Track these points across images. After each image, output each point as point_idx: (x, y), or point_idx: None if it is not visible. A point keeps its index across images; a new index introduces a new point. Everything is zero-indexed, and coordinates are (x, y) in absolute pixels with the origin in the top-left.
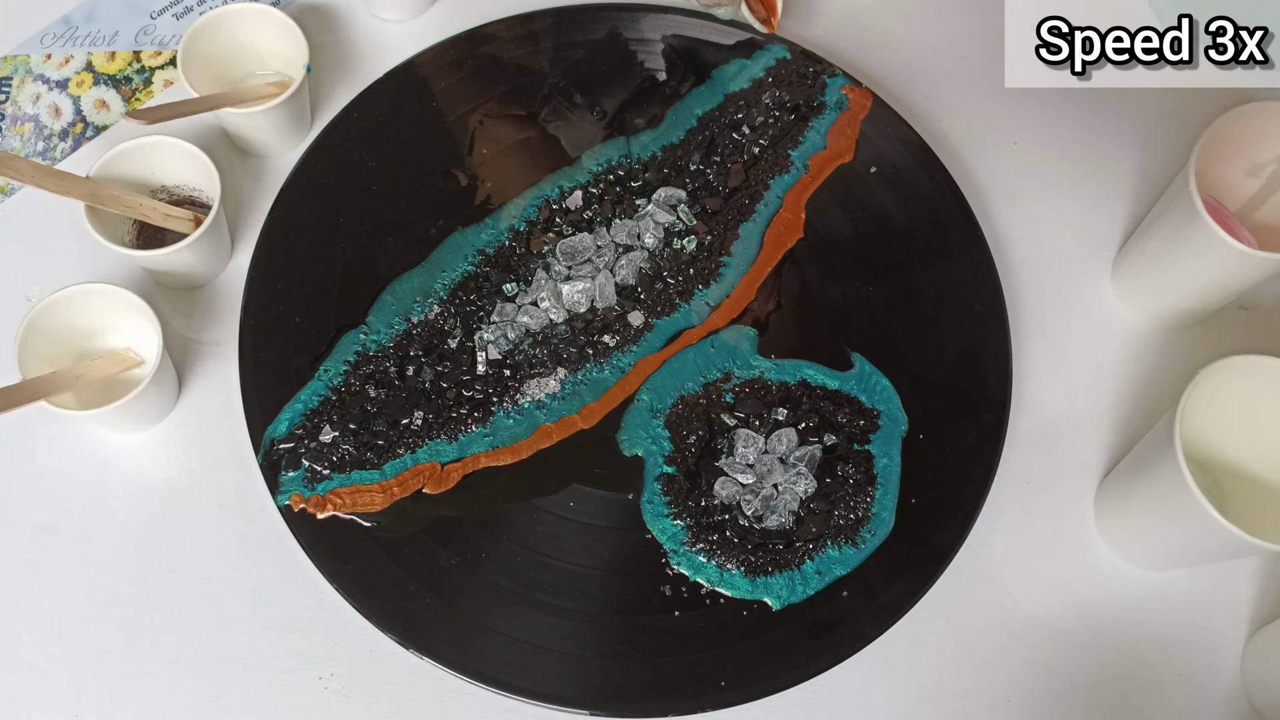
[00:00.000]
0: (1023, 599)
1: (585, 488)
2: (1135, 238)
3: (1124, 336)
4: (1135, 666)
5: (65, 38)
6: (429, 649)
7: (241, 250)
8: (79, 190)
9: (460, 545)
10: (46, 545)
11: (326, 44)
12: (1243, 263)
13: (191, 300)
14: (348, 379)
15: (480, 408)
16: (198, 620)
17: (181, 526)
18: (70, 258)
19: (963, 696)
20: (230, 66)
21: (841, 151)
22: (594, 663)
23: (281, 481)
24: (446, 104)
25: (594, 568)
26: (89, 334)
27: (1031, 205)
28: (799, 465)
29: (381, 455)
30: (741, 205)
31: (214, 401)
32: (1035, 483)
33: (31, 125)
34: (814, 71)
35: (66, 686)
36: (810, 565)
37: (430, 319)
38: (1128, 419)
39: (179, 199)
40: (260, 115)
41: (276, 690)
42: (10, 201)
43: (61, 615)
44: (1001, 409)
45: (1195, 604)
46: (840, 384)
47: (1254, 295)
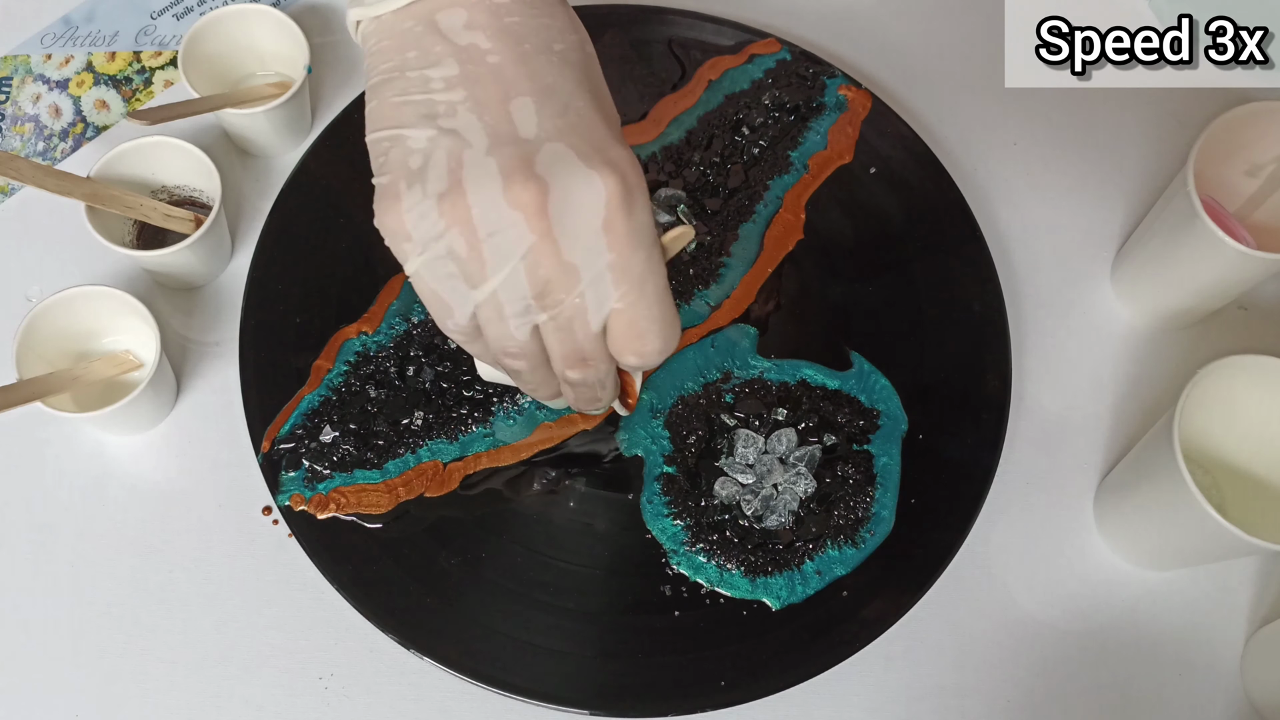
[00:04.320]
0: (1023, 599)
1: (585, 488)
2: (1135, 238)
3: (1124, 336)
4: (1135, 666)
5: (65, 38)
6: (429, 649)
7: (241, 250)
8: (79, 190)
9: (460, 545)
10: (46, 545)
11: (327, 45)
12: (1242, 263)
13: (191, 300)
14: (348, 379)
15: (480, 408)
16: (198, 620)
17: (181, 526)
18: (70, 258)
19: (963, 696)
20: (231, 67)
21: (842, 152)
22: (594, 663)
23: (282, 481)
24: None
25: (594, 568)
26: (88, 336)
27: (1031, 205)
28: (799, 465)
29: (382, 455)
30: (741, 206)
31: (214, 401)
32: (1035, 483)
33: (31, 125)
34: (813, 72)
35: (66, 686)
36: (810, 565)
37: (430, 319)
38: (1127, 419)
39: (179, 199)
40: (261, 116)
41: (276, 690)
42: (10, 201)
43: (61, 615)
44: (1001, 409)
45: (1195, 604)
46: (840, 384)
47: (1253, 295)
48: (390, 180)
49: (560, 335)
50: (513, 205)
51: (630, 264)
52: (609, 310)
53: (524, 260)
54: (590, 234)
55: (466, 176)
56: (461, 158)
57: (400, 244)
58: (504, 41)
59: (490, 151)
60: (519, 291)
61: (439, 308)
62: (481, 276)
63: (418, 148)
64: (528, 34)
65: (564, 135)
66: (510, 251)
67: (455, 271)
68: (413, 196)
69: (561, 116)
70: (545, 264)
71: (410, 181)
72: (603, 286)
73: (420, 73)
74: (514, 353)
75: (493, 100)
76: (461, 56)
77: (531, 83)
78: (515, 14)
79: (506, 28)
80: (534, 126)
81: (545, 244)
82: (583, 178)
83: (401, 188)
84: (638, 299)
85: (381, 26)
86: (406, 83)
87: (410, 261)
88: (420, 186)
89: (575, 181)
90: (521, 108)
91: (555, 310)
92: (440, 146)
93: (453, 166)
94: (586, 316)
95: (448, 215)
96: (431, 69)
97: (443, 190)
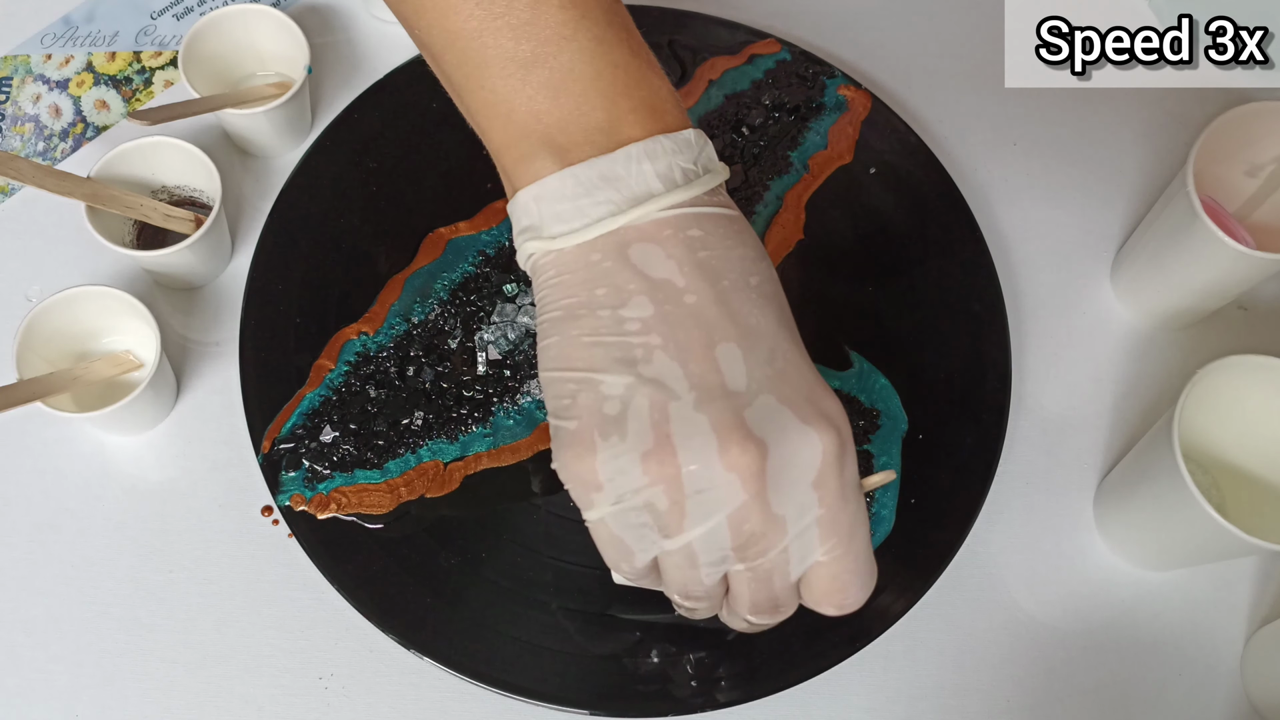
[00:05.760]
0: (1023, 599)
1: None
2: (1134, 238)
3: (1123, 336)
4: (1135, 666)
5: (65, 38)
6: (429, 649)
7: (242, 250)
8: (79, 190)
9: (460, 545)
10: (46, 545)
11: (327, 45)
12: (1241, 263)
13: (191, 300)
14: (348, 379)
15: (480, 408)
16: (198, 620)
17: (181, 526)
18: (70, 258)
19: (963, 696)
20: (231, 67)
21: (842, 152)
22: (594, 663)
23: (282, 481)
24: (447, 105)
25: (594, 568)
26: (89, 336)
27: (1031, 205)
28: None
29: (382, 455)
30: (741, 206)
31: (214, 402)
32: (1035, 483)
33: (32, 125)
34: (813, 72)
35: (66, 686)
36: None
37: (430, 319)
38: (1127, 419)
39: (180, 199)
40: (261, 116)
41: (276, 690)
42: (10, 201)
43: (61, 615)
44: (1001, 408)
45: (1195, 604)
46: (840, 383)
47: (1253, 295)
48: (581, 427)
49: (756, 585)
50: (729, 468)
51: (839, 518)
52: (811, 563)
53: (729, 516)
54: (802, 490)
55: (676, 433)
56: (667, 411)
57: (588, 493)
58: (701, 279)
59: (699, 407)
60: (718, 543)
61: (619, 553)
62: (678, 529)
63: (613, 394)
64: (725, 269)
65: (775, 387)
66: (716, 508)
67: (648, 522)
68: (610, 449)
69: (770, 364)
70: (753, 520)
71: (605, 432)
72: (809, 540)
73: (613, 312)
74: (698, 596)
75: (695, 346)
76: (656, 295)
77: (734, 326)
78: (710, 246)
79: (701, 263)
80: (743, 377)
81: (756, 502)
82: (799, 436)
83: (595, 438)
84: (844, 553)
85: (563, 258)
86: (597, 322)
87: (595, 510)
88: (618, 438)
89: (792, 440)
90: (727, 354)
91: (755, 563)
92: (641, 395)
93: (657, 420)
94: (788, 569)
95: (653, 473)
96: (624, 308)
97: (648, 448)
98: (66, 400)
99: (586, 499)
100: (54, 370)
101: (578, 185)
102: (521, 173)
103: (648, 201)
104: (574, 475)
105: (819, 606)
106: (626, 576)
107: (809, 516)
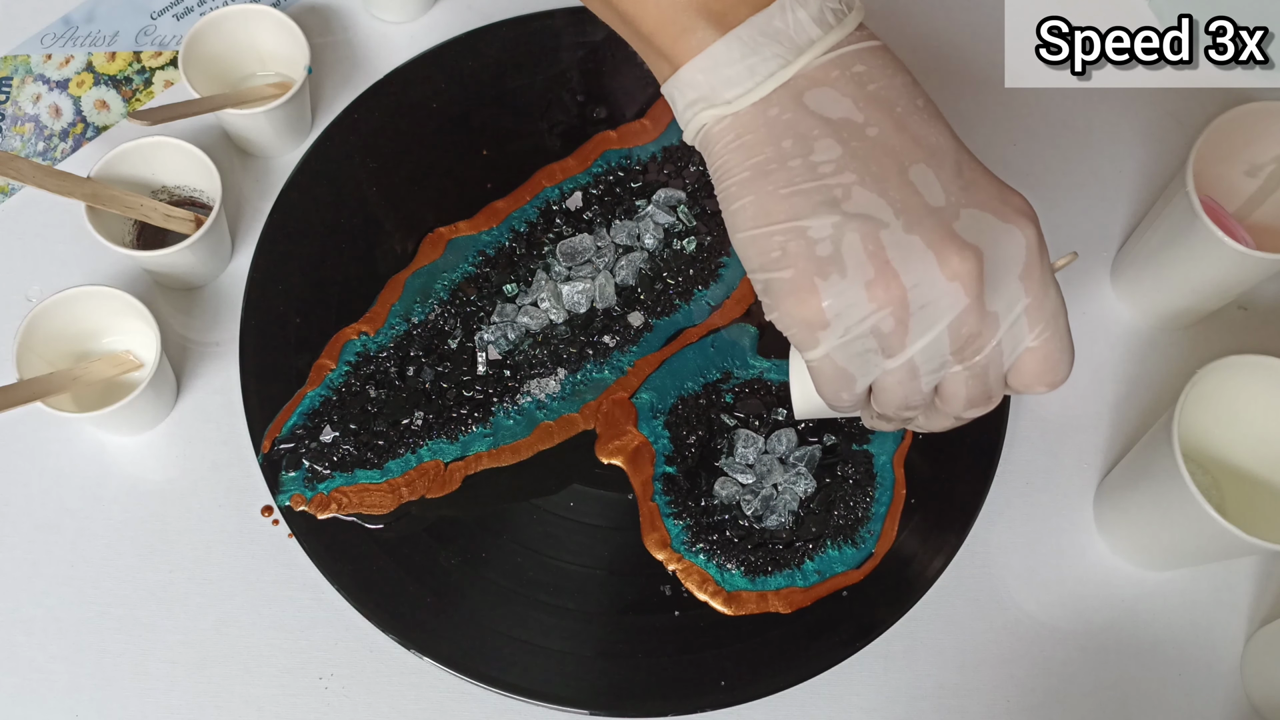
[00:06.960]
0: (1023, 599)
1: (585, 488)
2: (1134, 238)
3: (1123, 336)
4: (1135, 666)
5: (65, 38)
6: (429, 649)
7: (242, 250)
8: (79, 190)
9: (460, 545)
10: (46, 545)
11: (327, 45)
12: (1241, 263)
13: (192, 301)
14: (348, 379)
15: (480, 408)
16: (198, 620)
17: (181, 526)
18: (70, 258)
19: (963, 696)
20: (231, 67)
21: None
22: (594, 663)
23: (282, 481)
24: (446, 105)
25: (594, 568)
26: (89, 336)
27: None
28: (799, 465)
29: (382, 455)
30: None
31: (214, 402)
32: (1035, 483)
33: (32, 125)
34: None
35: (66, 686)
36: (810, 565)
37: (430, 319)
38: (1127, 419)
39: (180, 199)
40: (261, 116)
41: (276, 690)
42: (10, 201)
43: (61, 615)
44: (1001, 408)
45: (1195, 604)
46: None
47: (1253, 295)
48: (797, 273)
49: (973, 383)
50: (951, 277)
51: (1044, 303)
52: (1022, 350)
53: (949, 324)
54: (1011, 284)
55: (894, 258)
56: (879, 239)
57: (813, 333)
58: (877, 110)
59: (909, 229)
60: (939, 352)
61: (842, 383)
62: (901, 346)
63: (822, 236)
64: (894, 97)
65: (971, 195)
66: (939, 318)
67: (873, 347)
68: (832, 286)
69: (959, 176)
70: (971, 321)
71: (824, 272)
72: (1019, 330)
73: (803, 160)
74: (917, 405)
75: (890, 174)
76: (840, 135)
77: (919, 148)
78: (875, 79)
79: (873, 95)
80: (940, 193)
81: (976, 305)
82: (1006, 235)
83: (815, 280)
84: (1052, 334)
85: (739, 121)
86: (790, 172)
87: (820, 347)
88: (838, 275)
89: (1000, 240)
90: (920, 175)
91: (973, 361)
92: (850, 231)
93: (872, 250)
94: (1001, 360)
95: (879, 298)
96: (813, 154)
97: (870, 277)
98: (66, 400)
99: (811, 339)
100: (54, 370)
101: (743, 46)
102: (683, 48)
103: (810, 48)
104: (799, 319)
105: (1030, 389)
106: (842, 407)
107: (1019, 307)
